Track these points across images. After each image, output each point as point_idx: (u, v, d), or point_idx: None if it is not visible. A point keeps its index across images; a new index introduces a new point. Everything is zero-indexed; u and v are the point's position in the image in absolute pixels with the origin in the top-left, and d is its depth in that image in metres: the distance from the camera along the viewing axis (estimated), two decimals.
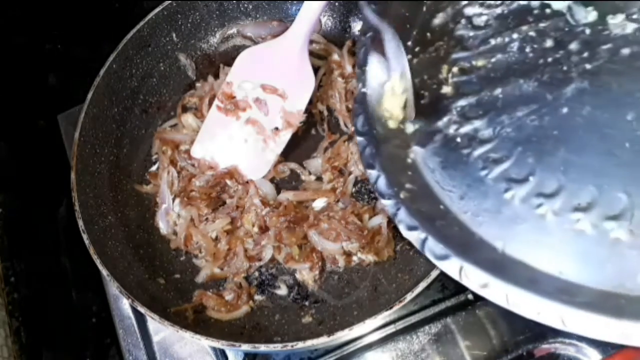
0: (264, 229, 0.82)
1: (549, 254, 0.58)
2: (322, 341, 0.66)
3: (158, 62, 0.92)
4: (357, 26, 0.94)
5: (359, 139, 0.69)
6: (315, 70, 0.88)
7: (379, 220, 0.79)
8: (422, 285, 0.66)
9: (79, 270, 0.87)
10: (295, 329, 0.75)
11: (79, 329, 0.90)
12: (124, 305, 0.84)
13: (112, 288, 0.78)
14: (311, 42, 0.90)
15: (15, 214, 1.01)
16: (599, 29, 0.65)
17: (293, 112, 0.84)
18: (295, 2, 0.94)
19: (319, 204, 0.83)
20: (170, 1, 0.88)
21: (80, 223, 0.75)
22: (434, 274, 0.66)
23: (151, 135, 0.91)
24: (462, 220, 0.61)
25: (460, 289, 0.79)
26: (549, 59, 0.66)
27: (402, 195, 0.64)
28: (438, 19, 0.73)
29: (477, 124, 0.65)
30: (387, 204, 0.64)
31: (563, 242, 0.58)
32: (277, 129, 0.85)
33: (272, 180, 0.86)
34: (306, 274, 0.79)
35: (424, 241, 0.60)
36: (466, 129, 0.65)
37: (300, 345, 0.66)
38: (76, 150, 0.80)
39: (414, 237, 0.61)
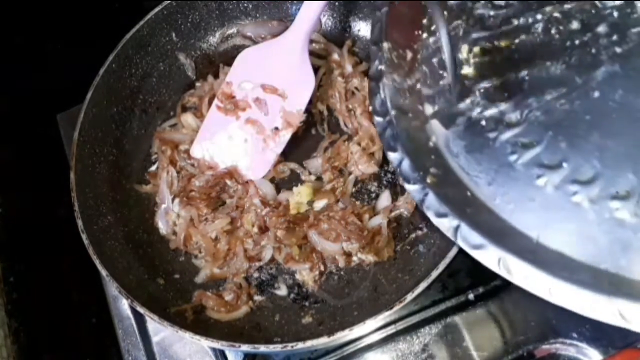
0: (263, 229, 0.81)
1: (587, 244, 0.54)
2: (322, 342, 0.66)
3: (158, 61, 0.92)
4: (357, 26, 0.94)
5: (377, 119, 0.66)
6: (315, 70, 0.87)
7: (378, 221, 0.79)
8: (423, 285, 0.66)
9: (78, 270, 0.87)
10: (295, 329, 0.75)
11: (79, 330, 0.90)
12: (124, 305, 0.84)
13: (112, 288, 0.78)
14: (311, 41, 0.90)
15: (15, 214, 1.01)
16: (628, 12, 0.63)
17: (293, 112, 0.84)
18: (295, 2, 0.94)
19: (319, 204, 0.83)
20: (169, 1, 0.88)
21: (80, 223, 0.75)
22: (434, 274, 0.66)
23: (151, 135, 0.91)
24: (492, 208, 0.58)
25: (461, 289, 0.78)
26: (576, 42, 0.63)
27: (428, 180, 0.60)
28: None
29: (503, 107, 0.62)
30: (412, 189, 0.60)
31: (602, 232, 0.55)
32: (277, 128, 0.85)
33: (272, 180, 0.86)
34: (306, 274, 0.79)
35: (456, 229, 0.57)
36: (491, 112, 0.62)
37: (300, 345, 0.66)
38: (75, 150, 0.79)
39: (445, 225, 0.58)
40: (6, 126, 1.07)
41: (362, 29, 0.94)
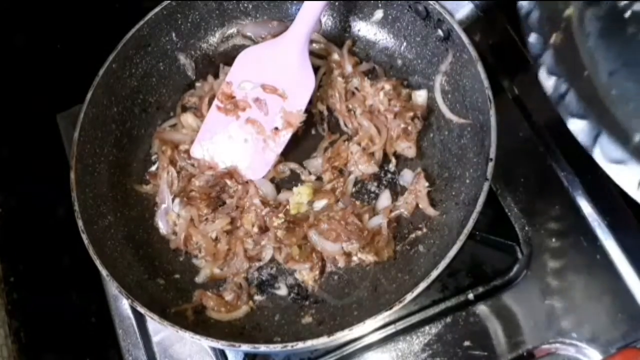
0: (264, 229, 0.81)
1: None
2: (322, 341, 0.66)
3: (158, 61, 0.92)
4: (357, 26, 0.94)
5: None
6: (315, 70, 0.88)
7: (378, 221, 0.79)
8: (422, 285, 0.66)
9: (78, 270, 0.87)
10: (295, 329, 0.75)
11: (79, 329, 0.90)
12: (124, 305, 0.84)
13: (112, 288, 0.78)
14: (311, 41, 0.90)
15: (15, 214, 1.01)
16: None
17: (293, 112, 0.84)
18: (295, 2, 0.93)
19: (319, 204, 0.83)
20: (169, 1, 0.88)
21: (80, 223, 0.75)
22: (434, 274, 0.66)
23: (151, 135, 0.91)
24: (603, 97, 0.54)
25: (461, 289, 0.79)
26: None
27: (552, 40, 0.56)
28: None
29: None
30: (534, 41, 0.57)
31: None
32: (277, 128, 0.85)
33: (272, 180, 0.86)
34: (306, 274, 0.79)
35: (563, 96, 0.54)
36: (638, 7, 0.57)
37: (300, 345, 0.66)
38: (75, 150, 0.79)
39: (551, 85, 0.55)
40: (6, 126, 1.07)
41: (362, 28, 0.94)
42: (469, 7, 0.78)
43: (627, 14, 0.57)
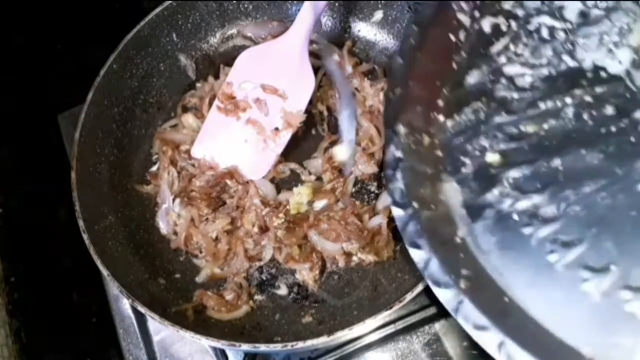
0: (264, 229, 0.82)
1: None
2: (322, 341, 0.66)
3: (158, 62, 0.92)
4: (357, 26, 0.94)
5: (397, 212, 0.59)
6: (315, 70, 0.88)
7: (378, 221, 0.79)
8: (422, 284, 0.66)
9: (79, 270, 0.87)
10: (295, 328, 0.76)
11: (80, 329, 0.90)
12: (124, 305, 0.84)
13: (113, 288, 0.78)
14: (311, 42, 0.90)
15: (16, 214, 1.01)
16: None
17: (293, 113, 0.85)
18: (295, 2, 0.94)
19: (319, 204, 0.83)
20: (170, 1, 0.88)
21: (81, 223, 0.75)
22: None
23: (151, 135, 0.91)
24: (534, 317, 0.51)
25: None
26: (613, 129, 0.57)
27: (462, 285, 0.54)
28: (472, 77, 0.65)
29: (537, 199, 0.56)
30: (444, 295, 0.54)
31: None
32: (277, 129, 0.85)
33: (272, 181, 0.86)
34: (306, 274, 0.79)
35: (500, 346, 0.49)
36: (523, 204, 0.56)
37: (300, 345, 0.66)
38: (76, 150, 0.80)
39: (486, 340, 0.50)
40: (7, 126, 1.07)
41: (362, 29, 0.94)
42: None
43: (515, 216, 0.56)
